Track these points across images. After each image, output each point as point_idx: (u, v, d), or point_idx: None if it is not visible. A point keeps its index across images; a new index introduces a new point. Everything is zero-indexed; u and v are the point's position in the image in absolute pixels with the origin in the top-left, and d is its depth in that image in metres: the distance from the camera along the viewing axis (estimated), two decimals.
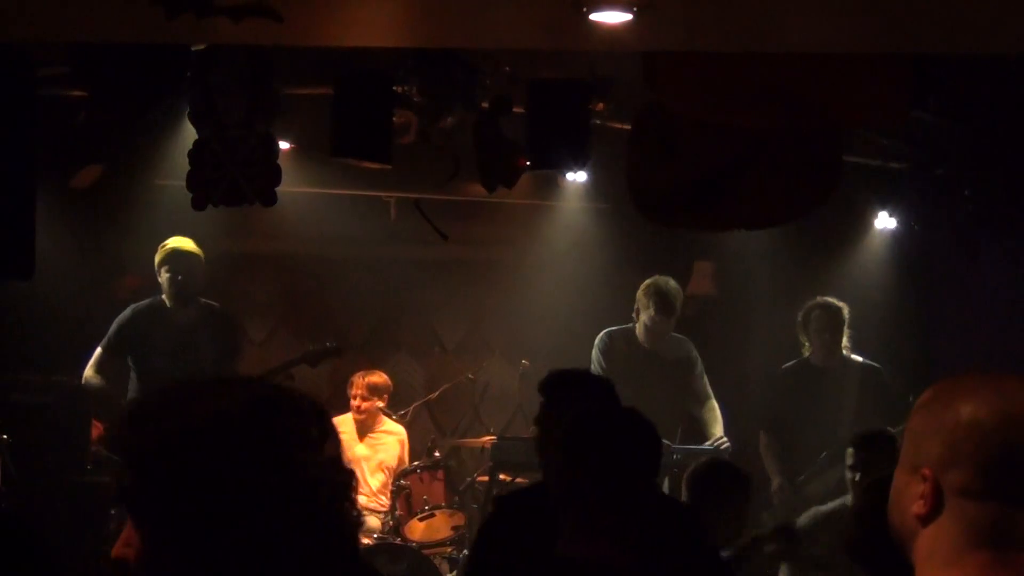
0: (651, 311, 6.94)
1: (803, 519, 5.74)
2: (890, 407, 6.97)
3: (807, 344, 7.19)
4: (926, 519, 1.69)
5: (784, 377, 7.27)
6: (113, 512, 7.13)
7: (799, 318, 7.19)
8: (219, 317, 7.02)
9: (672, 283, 7.03)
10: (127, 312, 6.96)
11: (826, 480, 6.70)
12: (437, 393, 8.20)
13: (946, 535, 1.67)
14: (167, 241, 6.93)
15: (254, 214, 6.04)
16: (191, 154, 5.36)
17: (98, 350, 6.92)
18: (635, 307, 7.05)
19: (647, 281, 7.04)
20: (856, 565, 3.68)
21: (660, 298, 6.94)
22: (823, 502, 6.02)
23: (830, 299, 7.15)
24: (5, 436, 6.81)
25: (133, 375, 6.92)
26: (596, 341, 7.14)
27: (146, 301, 6.99)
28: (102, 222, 7.53)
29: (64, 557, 6.04)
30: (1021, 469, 1.64)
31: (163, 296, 6.94)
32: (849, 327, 7.16)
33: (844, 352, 7.18)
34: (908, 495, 1.71)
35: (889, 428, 6.01)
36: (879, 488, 3.78)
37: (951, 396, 1.72)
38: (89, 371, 6.89)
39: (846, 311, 7.12)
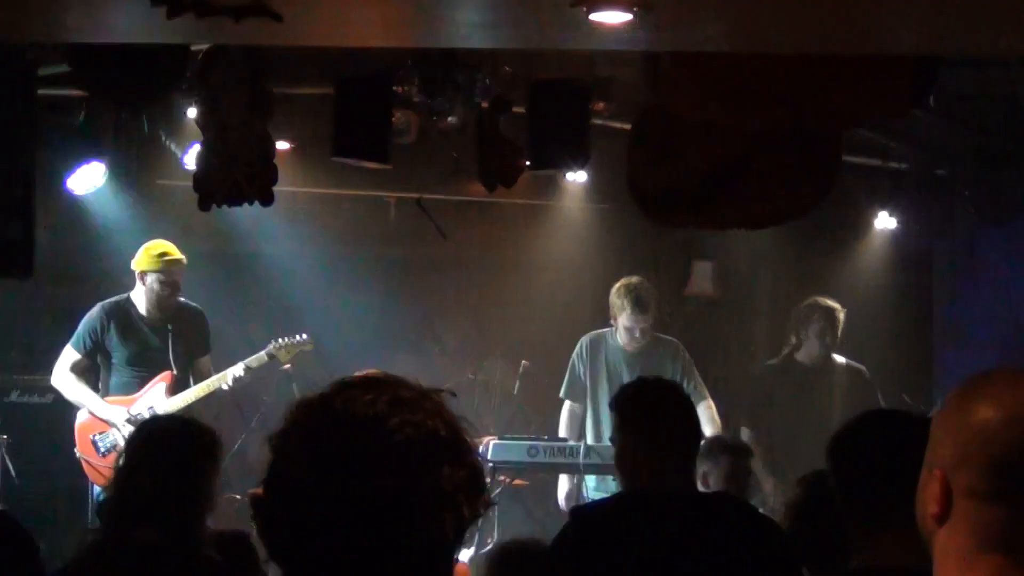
0: (627, 311, 6.85)
1: None
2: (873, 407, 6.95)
3: (795, 340, 7.15)
4: (940, 519, 1.67)
5: (766, 372, 7.22)
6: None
7: (793, 315, 7.12)
8: (189, 313, 6.99)
9: (643, 281, 6.96)
10: (95, 311, 6.84)
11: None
12: None
13: (958, 537, 1.65)
14: (156, 247, 6.84)
15: (254, 214, 6.03)
16: (197, 155, 5.36)
17: (67, 349, 6.81)
18: (611, 312, 6.97)
19: (616, 285, 6.96)
20: None
21: (633, 297, 6.86)
22: None
23: (829, 301, 7.10)
24: (5, 436, 6.81)
25: (104, 374, 6.89)
26: (577, 346, 7.10)
27: (114, 299, 6.92)
28: (102, 222, 7.53)
29: (64, 557, 6.04)
30: None
31: (132, 296, 6.88)
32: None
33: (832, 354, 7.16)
34: (926, 495, 1.69)
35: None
36: (813, 482, 3.79)
37: (967, 395, 1.69)
38: (59, 371, 6.83)
39: (843, 313, 7.07)
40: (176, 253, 6.81)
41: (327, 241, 8.35)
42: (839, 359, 7.10)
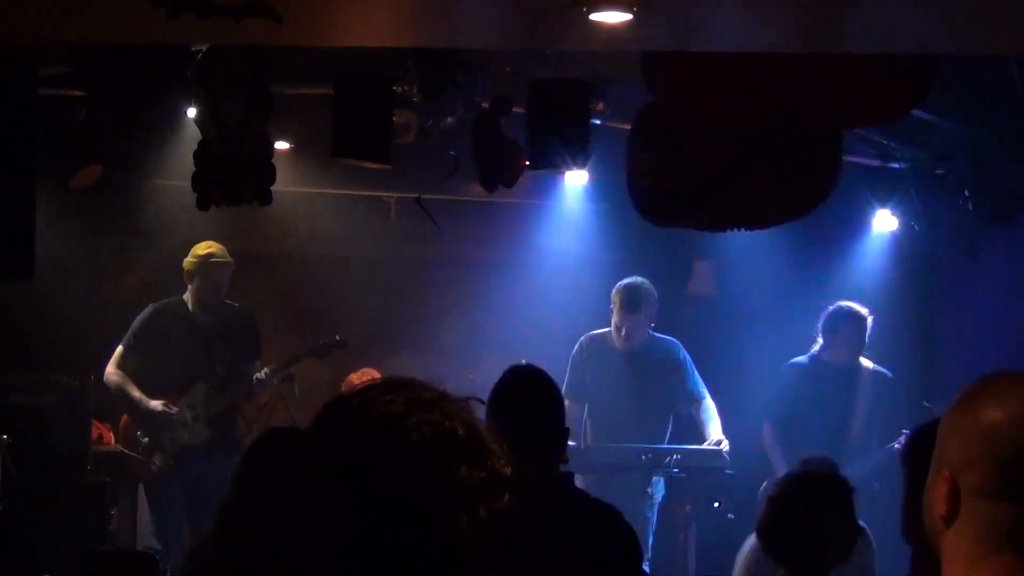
0: (617, 310, 6.96)
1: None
2: (898, 413, 6.93)
3: (821, 341, 7.13)
4: (948, 520, 1.67)
5: (793, 370, 7.21)
6: (114, 512, 7.15)
7: (822, 319, 7.09)
8: (240, 318, 7.02)
9: (640, 282, 7.00)
10: (147, 311, 6.91)
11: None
12: None
13: (967, 537, 1.65)
14: (203, 248, 6.86)
15: (254, 214, 6.04)
16: (196, 155, 5.37)
17: (119, 348, 6.87)
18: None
19: (617, 284, 7.05)
20: (763, 550, 3.70)
21: (623, 297, 6.95)
22: None
23: (857, 308, 7.05)
24: (5, 436, 6.82)
25: (153, 373, 6.90)
26: (576, 345, 7.15)
27: (165, 301, 6.96)
28: (102, 222, 7.53)
29: (64, 557, 6.05)
30: None
31: (184, 297, 6.91)
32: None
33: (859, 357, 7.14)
34: (934, 495, 1.70)
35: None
36: (796, 479, 3.79)
37: (975, 396, 1.70)
38: (111, 368, 6.86)
39: (871, 319, 7.05)
40: (223, 255, 6.85)
41: (326, 241, 8.35)
42: (866, 363, 7.13)
